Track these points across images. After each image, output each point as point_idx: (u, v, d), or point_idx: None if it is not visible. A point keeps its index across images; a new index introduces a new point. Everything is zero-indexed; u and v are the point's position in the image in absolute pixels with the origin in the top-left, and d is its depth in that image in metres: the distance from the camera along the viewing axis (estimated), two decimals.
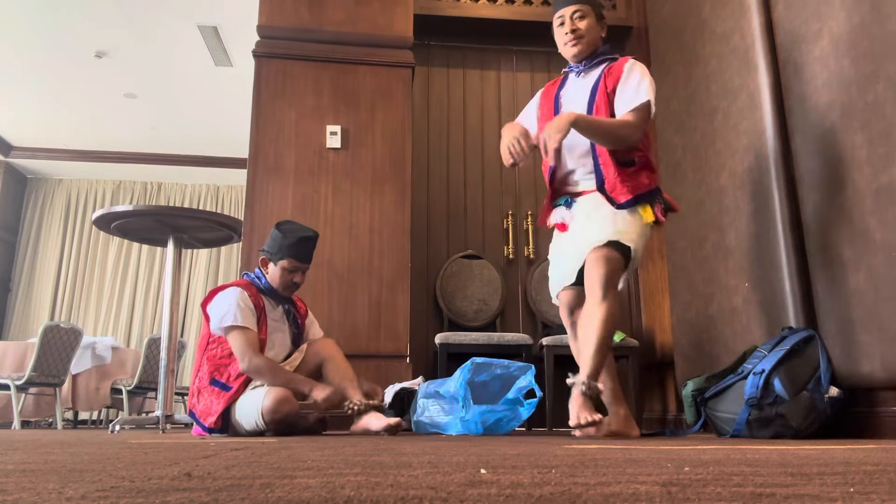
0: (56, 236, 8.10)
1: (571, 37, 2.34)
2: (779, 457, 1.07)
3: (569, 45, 2.35)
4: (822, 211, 2.17)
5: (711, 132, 2.84)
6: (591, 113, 2.26)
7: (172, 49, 5.77)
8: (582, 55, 2.36)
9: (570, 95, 2.38)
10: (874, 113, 1.95)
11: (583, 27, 2.34)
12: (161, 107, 6.82)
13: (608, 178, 2.23)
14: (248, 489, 0.63)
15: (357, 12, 3.77)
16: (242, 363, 2.35)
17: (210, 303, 2.48)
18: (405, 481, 0.69)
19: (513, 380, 2.62)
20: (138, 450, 1.31)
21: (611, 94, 2.27)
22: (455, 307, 3.83)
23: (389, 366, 3.33)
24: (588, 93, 2.32)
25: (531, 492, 0.60)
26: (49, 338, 4.62)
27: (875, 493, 0.60)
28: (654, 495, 0.58)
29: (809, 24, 2.26)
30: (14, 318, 7.81)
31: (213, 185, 8.55)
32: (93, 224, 3.61)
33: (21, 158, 7.78)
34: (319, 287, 3.38)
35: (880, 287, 1.90)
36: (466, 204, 4.09)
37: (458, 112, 4.25)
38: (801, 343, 2.09)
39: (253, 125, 3.57)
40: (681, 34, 3.20)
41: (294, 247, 2.52)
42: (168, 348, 3.02)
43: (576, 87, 2.39)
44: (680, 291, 3.13)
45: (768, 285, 2.40)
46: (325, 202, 3.52)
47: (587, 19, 2.34)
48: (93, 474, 0.79)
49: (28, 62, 5.93)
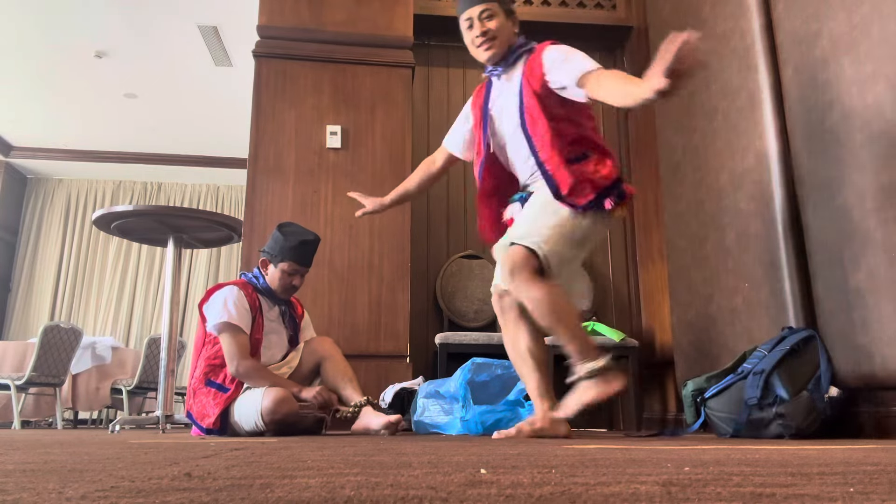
0: (56, 236, 8.10)
1: (482, 39, 2.18)
2: (779, 457, 1.07)
3: (481, 49, 2.20)
4: (822, 211, 2.17)
5: (711, 132, 2.84)
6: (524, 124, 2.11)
7: (172, 49, 5.77)
8: (496, 57, 2.20)
9: (499, 105, 2.24)
10: (874, 113, 1.95)
11: (493, 27, 2.17)
12: (161, 107, 6.82)
13: (562, 182, 2.04)
14: (248, 489, 0.63)
15: (357, 12, 3.77)
16: (231, 366, 2.36)
17: (206, 302, 2.48)
18: (405, 481, 0.69)
19: (513, 381, 2.62)
20: (138, 450, 1.31)
21: (540, 92, 2.09)
22: (455, 307, 3.82)
23: (389, 366, 3.33)
24: (516, 100, 2.16)
25: (531, 492, 0.60)
26: (49, 338, 4.62)
27: (875, 493, 0.60)
28: (654, 495, 0.58)
29: (809, 24, 2.26)
30: (14, 318, 7.81)
31: (213, 185, 8.55)
32: (93, 224, 3.61)
33: (21, 158, 7.78)
34: (319, 287, 3.38)
35: (880, 287, 1.90)
36: (466, 204, 4.09)
37: (458, 112, 4.24)
38: (801, 343, 2.09)
39: (253, 125, 3.57)
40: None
41: (295, 250, 2.52)
42: (168, 348, 3.02)
43: (501, 92, 2.25)
44: (680, 291, 3.13)
45: (768, 285, 2.40)
46: (325, 202, 3.52)
47: (496, 18, 2.18)
48: (93, 474, 0.79)
49: (28, 62, 5.93)
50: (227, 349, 2.37)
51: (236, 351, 2.36)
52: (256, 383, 2.35)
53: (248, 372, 2.35)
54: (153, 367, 5.23)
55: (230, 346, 2.36)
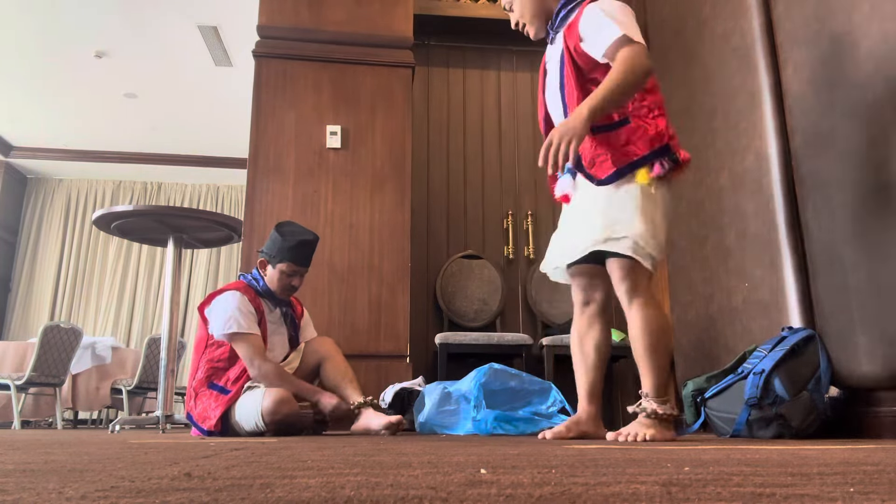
0: (56, 236, 8.10)
1: (515, 25, 2.14)
2: (779, 457, 1.06)
3: (525, 33, 2.14)
4: (822, 211, 2.17)
5: (711, 132, 2.84)
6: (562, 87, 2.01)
7: (172, 49, 5.77)
8: (540, 31, 2.11)
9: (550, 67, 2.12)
10: (874, 113, 1.95)
11: (517, 8, 2.12)
12: (161, 107, 6.82)
13: (584, 152, 1.95)
14: (248, 489, 0.63)
15: (357, 12, 3.77)
16: (252, 369, 2.36)
17: (208, 306, 2.47)
18: (405, 481, 0.69)
19: (524, 395, 2.60)
20: (138, 450, 1.31)
21: (579, 59, 1.96)
22: (455, 307, 3.82)
23: (389, 366, 3.33)
24: (558, 63, 2.04)
25: (531, 492, 0.60)
26: (49, 338, 4.62)
27: (875, 493, 0.60)
28: (654, 495, 0.58)
29: (809, 24, 2.26)
30: (14, 318, 7.81)
31: (213, 185, 8.55)
32: (93, 224, 3.61)
33: (21, 158, 7.78)
34: (319, 287, 3.38)
35: (880, 287, 1.90)
36: (466, 204, 4.09)
37: (458, 112, 4.25)
38: (801, 343, 2.09)
39: (253, 125, 3.57)
40: (681, 34, 3.20)
41: (293, 250, 2.50)
42: (168, 348, 3.02)
43: (551, 55, 2.12)
44: (680, 291, 3.13)
45: (768, 285, 2.40)
46: (325, 202, 3.52)
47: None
48: (93, 474, 0.79)
49: (28, 62, 5.92)
50: (245, 354, 2.37)
51: (254, 353, 2.37)
52: (276, 386, 2.35)
53: (267, 374, 2.36)
54: (153, 367, 5.23)
55: (247, 351, 2.37)
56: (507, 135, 4.25)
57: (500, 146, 4.22)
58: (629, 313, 1.92)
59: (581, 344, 2.10)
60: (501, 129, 4.25)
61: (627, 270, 1.89)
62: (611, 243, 1.88)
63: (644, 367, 1.88)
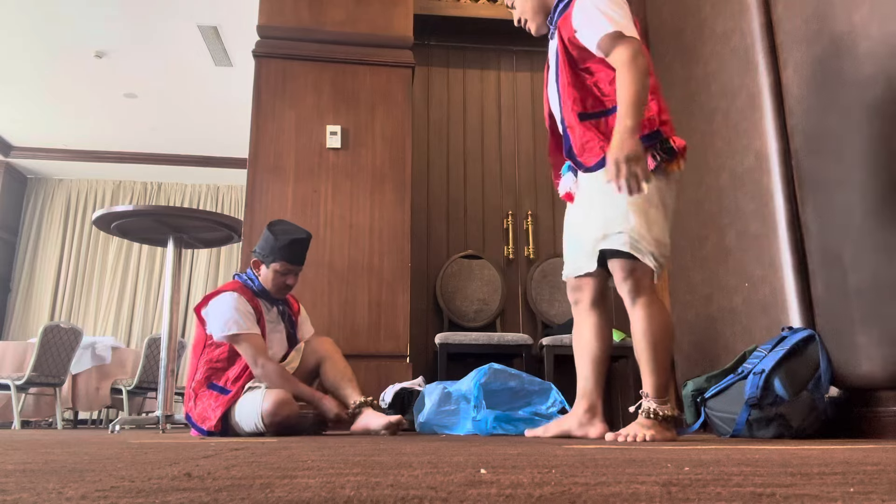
0: (56, 236, 8.10)
1: (518, 24, 2.16)
2: (779, 457, 1.06)
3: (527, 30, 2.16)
4: (822, 211, 2.17)
5: (711, 132, 2.84)
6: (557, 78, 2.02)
7: (172, 49, 5.77)
8: (542, 27, 2.13)
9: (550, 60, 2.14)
10: (874, 113, 1.95)
11: (518, 5, 2.14)
12: (161, 107, 6.82)
13: (574, 140, 1.95)
14: (248, 489, 0.63)
15: (357, 12, 3.77)
16: (256, 369, 2.37)
17: (205, 307, 2.47)
18: (405, 481, 0.69)
19: (524, 395, 2.61)
20: (138, 450, 1.31)
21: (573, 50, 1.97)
22: (455, 307, 3.82)
23: (389, 366, 3.33)
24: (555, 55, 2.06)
25: (531, 492, 0.60)
26: (49, 338, 4.62)
27: (875, 493, 0.60)
28: (654, 495, 0.58)
29: (809, 24, 2.26)
30: (14, 318, 7.81)
31: (213, 185, 8.55)
32: (93, 224, 3.61)
33: (21, 158, 7.78)
34: (319, 287, 3.38)
35: (880, 287, 1.90)
36: (466, 204, 4.09)
37: (458, 112, 4.25)
38: (801, 343, 2.09)
39: (253, 125, 3.57)
40: (681, 34, 3.20)
41: (286, 249, 2.49)
42: (168, 348, 3.02)
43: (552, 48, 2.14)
44: (680, 291, 3.13)
45: (768, 285, 2.40)
46: (325, 202, 3.52)
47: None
48: (93, 474, 0.79)
49: (28, 62, 5.92)
50: (249, 353, 2.37)
51: (257, 353, 2.37)
52: (279, 386, 2.35)
53: (269, 375, 2.36)
54: (153, 367, 5.23)
55: (250, 351, 2.37)
56: (507, 135, 4.25)
57: (500, 146, 4.22)
58: (632, 313, 1.93)
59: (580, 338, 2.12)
60: (501, 130, 4.25)
61: (629, 270, 1.90)
62: (608, 240, 1.90)
63: (645, 366, 1.88)
